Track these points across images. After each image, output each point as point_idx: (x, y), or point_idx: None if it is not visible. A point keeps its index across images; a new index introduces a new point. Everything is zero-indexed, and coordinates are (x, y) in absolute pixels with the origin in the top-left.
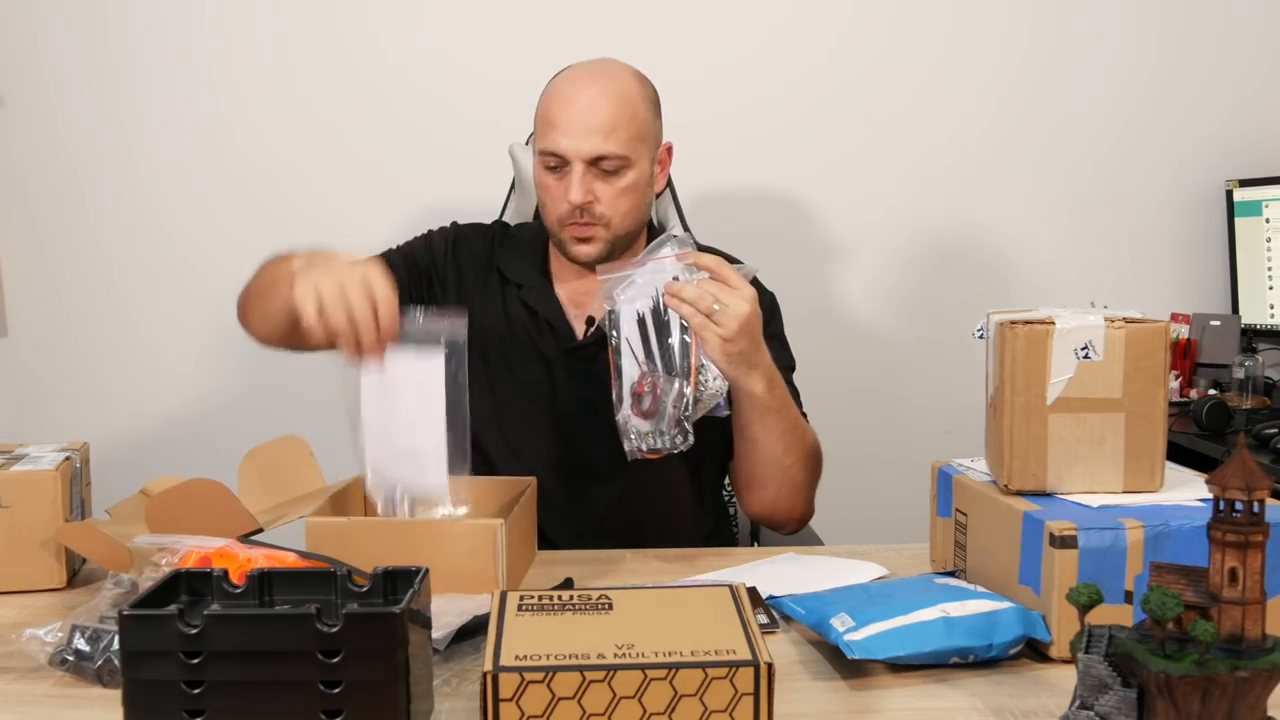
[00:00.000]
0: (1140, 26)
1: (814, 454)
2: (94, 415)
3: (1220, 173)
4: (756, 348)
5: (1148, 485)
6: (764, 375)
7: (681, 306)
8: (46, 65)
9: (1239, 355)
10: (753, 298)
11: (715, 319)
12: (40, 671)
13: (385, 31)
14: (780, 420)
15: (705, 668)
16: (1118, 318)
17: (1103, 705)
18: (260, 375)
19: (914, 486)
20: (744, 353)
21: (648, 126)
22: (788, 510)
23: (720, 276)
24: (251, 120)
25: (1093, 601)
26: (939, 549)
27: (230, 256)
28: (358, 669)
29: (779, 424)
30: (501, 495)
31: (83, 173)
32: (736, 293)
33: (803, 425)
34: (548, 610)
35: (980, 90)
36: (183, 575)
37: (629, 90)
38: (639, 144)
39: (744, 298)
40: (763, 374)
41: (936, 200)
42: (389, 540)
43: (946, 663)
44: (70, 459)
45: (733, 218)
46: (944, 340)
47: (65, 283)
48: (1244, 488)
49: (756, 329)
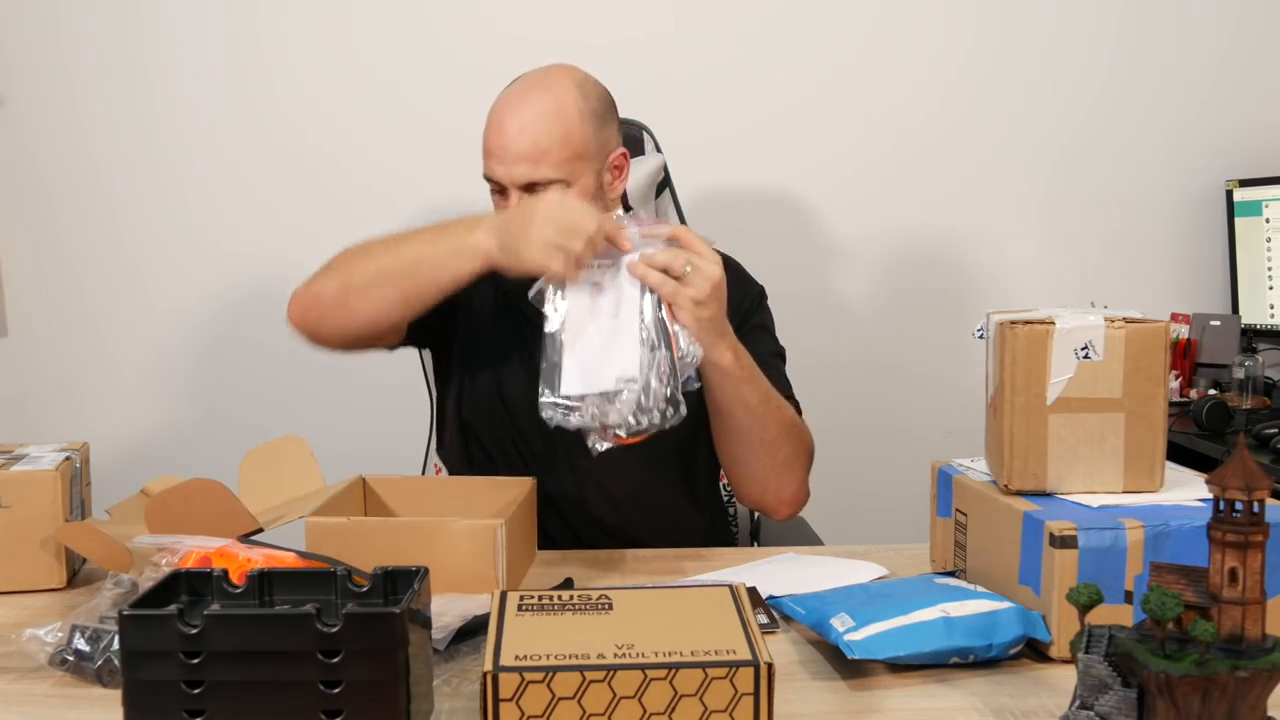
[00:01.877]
0: (1140, 26)
1: (794, 429)
2: (94, 415)
3: (1220, 173)
4: (723, 314)
5: (1148, 485)
6: (730, 345)
7: (651, 274)
8: (46, 65)
9: (1239, 355)
10: (720, 263)
11: (686, 282)
12: (40, 671)
13: (384, 30)
14: (753, 391)
15: (705, 668)
16: (1118, 318)
17: (1103, 705)
18: (260, 375)
19: (914, 486)
20: (714, 318)
21: (586, 143)
22: (777, 490)
23: (687, 243)
24: (253, 119)
25: (1093, 601)
26: (939, 549)
27: (231, 256)
28: (358, 669)
29: (753, 395)
30: (501, 495)
31: (82, 173)
32: (706, 258)
33: (778, 398)
34: (548, 610)
35: (981, 90)
36: (183, 575)
37: (563, 108)
38: (575, 163)
39: (714, 262)
40: (729, 344)
41: (936, 200)
42: (389, 540)
43: (946, 663)
44: (70, 459)
45: (732, 217)
46: (944, 340)
47: (65, 283)
48: (1244, 488)
49: (724, 295)
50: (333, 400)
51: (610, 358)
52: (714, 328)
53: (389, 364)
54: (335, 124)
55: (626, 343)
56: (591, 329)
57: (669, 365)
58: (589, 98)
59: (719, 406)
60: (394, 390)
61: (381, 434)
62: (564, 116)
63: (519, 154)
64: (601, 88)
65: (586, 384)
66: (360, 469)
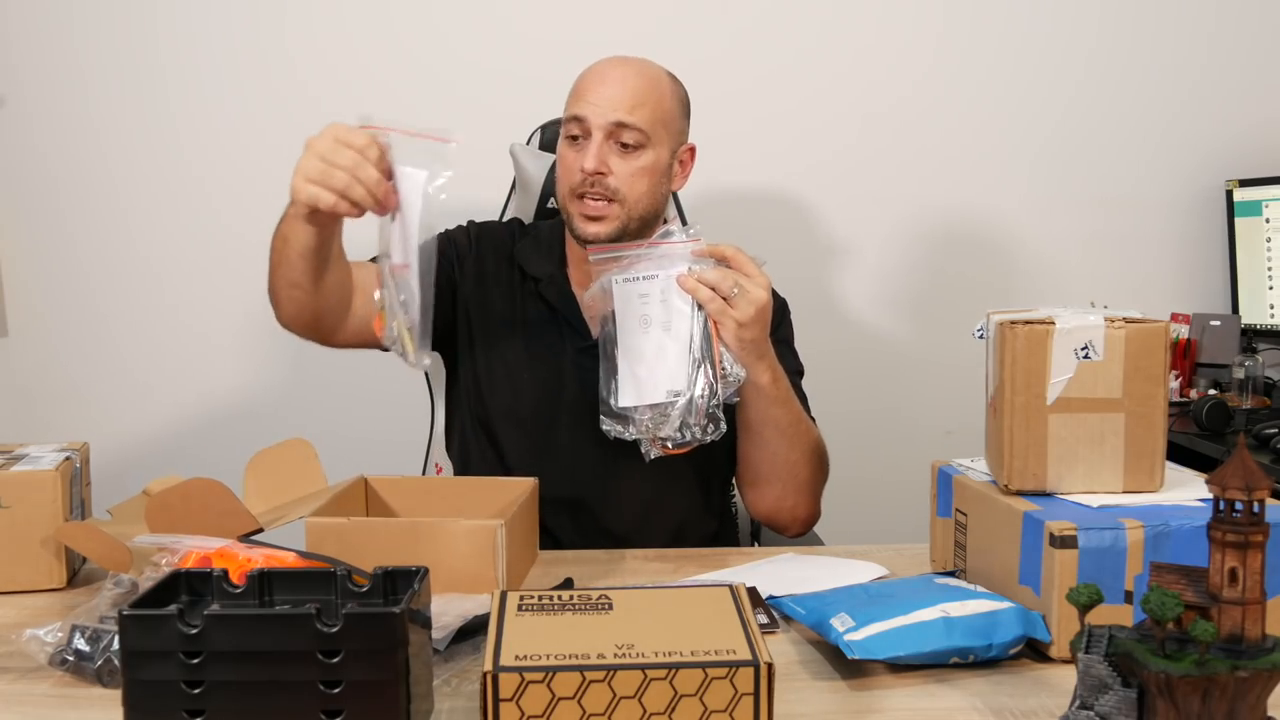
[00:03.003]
0: (1141, 26)
1: (819, 452)
2: (94, 415)
3: (1220, 173)
4: (765, 337)
5: (1148, 485)
6: (770, 367)
7: (700, 290)
8: (46, 65)
9: (1239, 355)
10: (769, 286)
11: (733, 304)
12: (40, 671)
13: (389, 29)
14: (786, 413)
15: (705, 668)
16: (1118, 318)
17: (1103, 705)
18: (260, 375)
19: (914, 486)
20: (756, 341)
21: (672, 116)
22: (792, 509)
23: (738, 264)
24: (253, 119)
25: (1093, 601)
26: (939, 549)
27: (231, 256)
28: (358, 669)
29: (784, 416)
30: (502, 495)
31: (83, 173)
32: (754, 280)
33: (807, 422)
34: (548, 610)
35: (981, 90)
36: (183, 575)
37: (660, 78)
38: (660, 127)
39: (761, 285)
40: (769, 365)
41: (937, 200)
42: (389, 540)
43: (946, 663)
44: (70, 459)
45: (733, 217)
46: (944, 340)
47: (65, 283)
48: (1244, 488)
49: (769, 318)
50: (333, 400)
51: (661, 370)
52: (755, 349)
53: (389, 364)
54: None
55: (677, 356)
56: (642, 340)
57: (711, 382)
58: (678, 85)
59: (750, 424)
60: (394, 390)
61: (382, 434)
62: (660, 86)
63: (617, 97)
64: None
65: (640, 396)
66: (360, 469)
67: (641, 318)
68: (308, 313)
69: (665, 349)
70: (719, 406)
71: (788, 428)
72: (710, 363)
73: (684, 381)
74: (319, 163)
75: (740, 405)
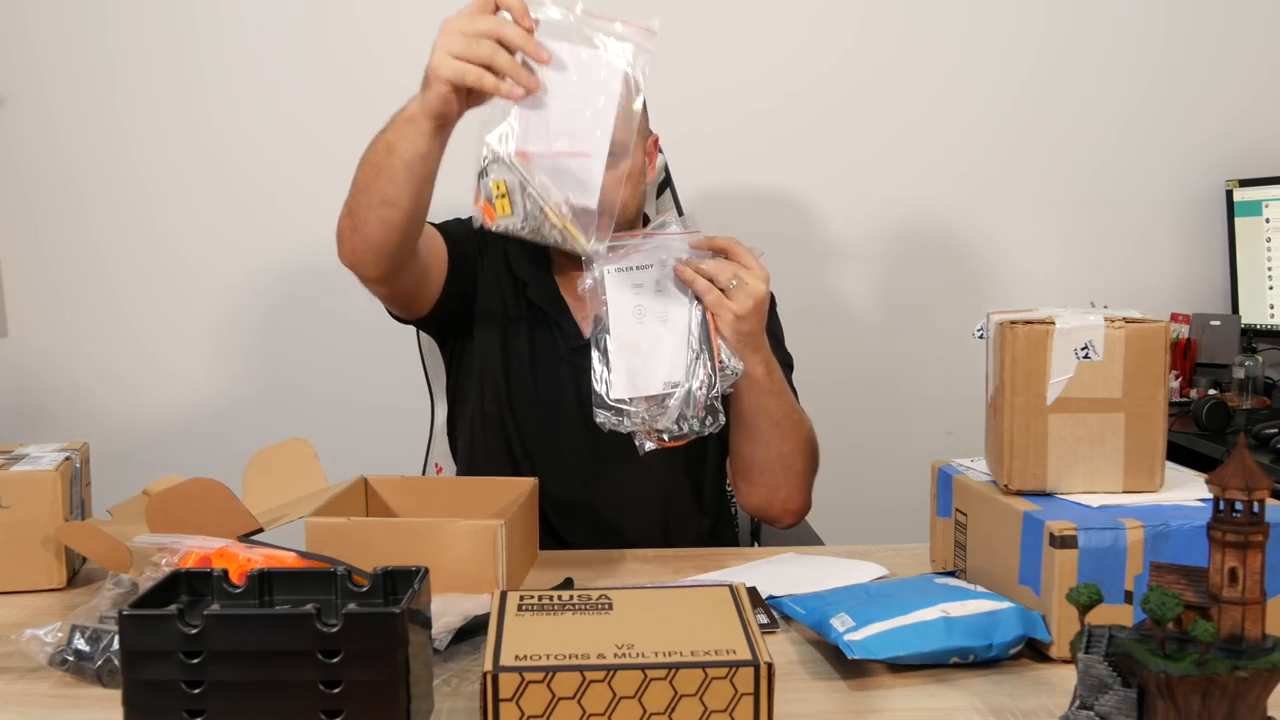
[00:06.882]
0: (1141, 27)
1: (811, 443)
2: (94, 415)
3: (1220, 173)
4: (762, 329)
5: (1148, 485)
6: (764, 359)
7: (698, 281)
8: (46, 65)
9: (1239, 355)
10: (767, 278)
11: (731, 295)
12: (40, 671)
13: (395, 26)
14: (780, 404)
15: (705, 668)
16: (1118, 318)
17: (1103, 705)
18: (260, 375)
19: (914, 486)
20: (752, 333)
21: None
22: (784, 501)
23: (736, 255)
24: (253, 119)
25: (1093, 601)
26: (939, 549)
27: (230, 256)
28: (358, 669)
29: (779, 408)
30: (502, 496)
31: (83, 173)
32: (753, 271)
33: (800, 413)
34: (548, 610)
35: (980, 90)
36: (183, 575)
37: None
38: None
39: (760, 277)
40: (763, 357)
41: (936, 200)
42: (389, 540)
43: (946, 663)
44: (70, 459)
45: (733, 216)
46: (944, 340)
47: (65, 283)
48: (1244, 488)
49: (765, 310)
50: (333, 400)
51: (657, 362)
52: (751, 341)
53: (389, 365)
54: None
55: (673, 347)
56: (637, 331)
57: (709, 374)
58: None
59: (743, 415)
60: (394, 390)
61: (382, 434)
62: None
63: None
64: None
65: (635, 387)
66: (360, 469)
67: (636, 308)
68: (396, 236)
69: (661, 340)
70: (717, 398)
71: (782, 419)
72: (709, 354)
73: (681, 373)
74: (459, 36)
75: (734, 397)
